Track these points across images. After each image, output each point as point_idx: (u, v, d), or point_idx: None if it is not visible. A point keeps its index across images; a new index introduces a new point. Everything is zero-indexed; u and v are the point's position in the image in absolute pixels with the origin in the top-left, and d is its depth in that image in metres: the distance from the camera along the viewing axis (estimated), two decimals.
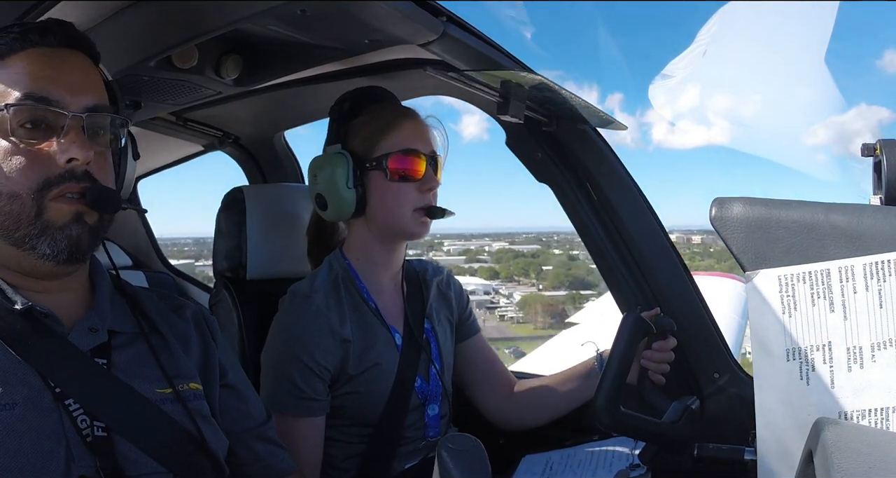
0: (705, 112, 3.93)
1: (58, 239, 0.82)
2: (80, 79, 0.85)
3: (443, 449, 0.70)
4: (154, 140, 1.95)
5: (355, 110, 1.36)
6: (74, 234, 0.83)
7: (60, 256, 0.82)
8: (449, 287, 1.51)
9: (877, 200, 0.78)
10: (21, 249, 0.82)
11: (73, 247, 0.83)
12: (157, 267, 2.50)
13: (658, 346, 1.26)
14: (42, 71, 0.82)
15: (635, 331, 0.96)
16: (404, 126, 1.32)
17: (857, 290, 0.68)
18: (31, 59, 0.83)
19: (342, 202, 1.31)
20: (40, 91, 0.81)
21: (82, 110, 0.83)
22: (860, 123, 28.87)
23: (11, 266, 0.85)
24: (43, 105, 0.81)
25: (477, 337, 1.54)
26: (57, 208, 0.82)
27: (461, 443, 0.71)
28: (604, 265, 1.51)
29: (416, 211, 1.32)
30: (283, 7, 1.01)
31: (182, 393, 0.90)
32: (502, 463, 1.48)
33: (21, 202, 0.80)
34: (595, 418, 0.94)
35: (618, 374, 0.93)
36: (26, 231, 0.81)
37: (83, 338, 0.86)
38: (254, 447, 1.01)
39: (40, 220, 0.81)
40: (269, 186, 2.07)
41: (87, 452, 0.80)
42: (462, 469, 0.68)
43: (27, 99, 0.81)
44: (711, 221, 0.75)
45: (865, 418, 0.68)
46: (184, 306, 1.03)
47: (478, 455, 0.70)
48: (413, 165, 1.31)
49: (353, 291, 1.34)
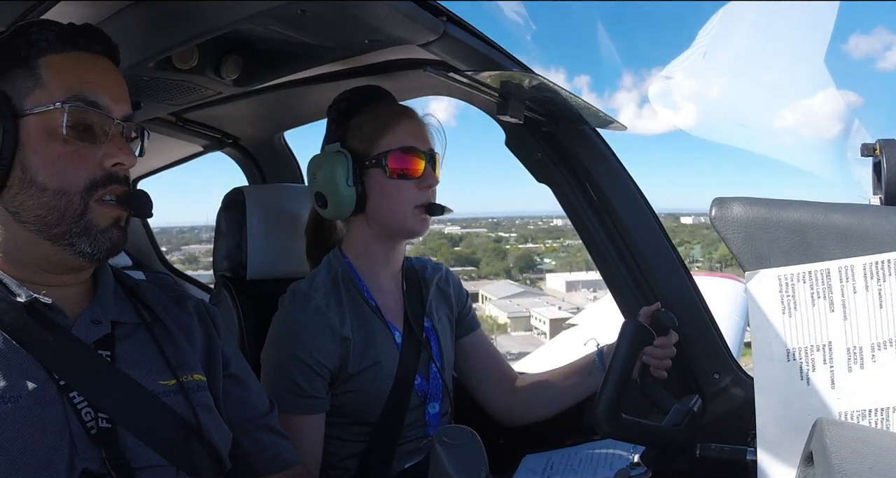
0: (673, 96, 3.81)
1: (100, 241, 0.86)
2: (120, 88, 0.90)
3: (437, 443, 0.69)
4: (154, 140, 1.94)
5: (353, 109, 1.36)
6: (115, 237, 0.87)
7: (98, 255, 0.86)
8: (448, 284, 1.51)
9: (877, 200, 0.78)
10: (57, 245, 0.85)
11: (111, 248, 0.87)
12: (157, 267, 2.50)
13: (660, 342, 1.25)
14: (91, 76, 0.86)
15: (636, 338, 0.95)
16: (403, 124, 1.33)
17: (857, 290, 0.68)
18: (79, 62, 0.86)
19: (342, 200, 1.31)
20: (92, 96, 0.85)
21: (122, 118, 0.87)
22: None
23: (32, 261, 0.86)
24: (95, 109, 0.84)
25: (477, 332, 1.54)
26: (100, 211, 0.85)
27: (456, 436, 0.70)
28: (604, 265, 1.51)
29: (416, 208, 1.32)
30: (283, 7, 1.01)
31: (186, 384, 0.91)
32: (503, 463, 1.48)
33: (69, 199, 0.83)
34: (596, 426, 0.93)
35: (618, 382, 0.92)
36: (68, 228, 0.84)
37: (87, 330, 0.87)
38: (258, 437, 1.01)
39: (84, 219, 0.84)
40: (270, 186, 2.07)
41: (92, 444, 0.80)
42: (457, 463, 0.67)
43: (79, 101, 0.83)
44: (711, 221, 0.75)
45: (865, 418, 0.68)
46: (185, 298, 1.04)
47: (473, 448, 0.69)
48: (412, 162, 1.31)
49: (353, 289, 1.34)
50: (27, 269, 0.86)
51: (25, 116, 0.82)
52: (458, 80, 1.26)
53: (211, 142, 2.06)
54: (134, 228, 2.47)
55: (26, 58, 0.84)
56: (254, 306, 1.54)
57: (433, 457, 0.69)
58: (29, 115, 0.82)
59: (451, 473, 0.67)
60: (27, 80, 0.83)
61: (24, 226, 0.84)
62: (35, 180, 0.82)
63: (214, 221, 1.60)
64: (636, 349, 0.95)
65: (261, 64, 1.35)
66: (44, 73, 0.83)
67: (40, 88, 0.83)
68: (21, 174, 0.82)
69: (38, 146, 0.82)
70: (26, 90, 0.83)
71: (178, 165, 2.38)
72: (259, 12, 1.01)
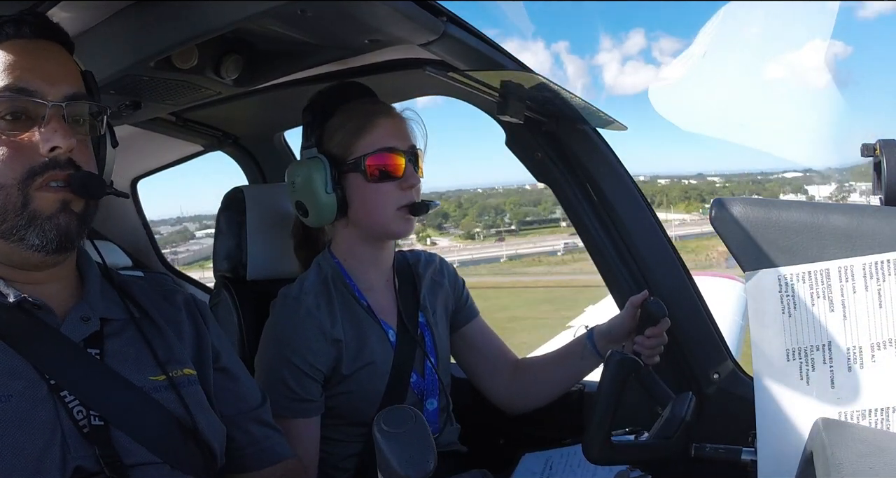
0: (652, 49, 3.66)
1: (46, 229, 0.82)
2: (57, 68, 0.85)
3: (377, 431, 0.61)
4: (154, 140, 1.95)
5: (329, 111, 1.33)
6: (63, 222, 0.83)
7: (49, 246, 0.83)
8: (442, 275, 1.50)
9: (877, 200, 0.78)
10: (9, 241, 0.83)
11: (62, 236, 0.83)
12: (156, 267, 2.50)
13: (650, 332, 1.25)
14: (19, 62, 0.82)
15: (620, 370, 0.93)
16: (379, 124, 1.30)
17: (857, 290, 0.68)
18: (7, 52, 0.83)
19: (322, 208, 1.30)
20: (18, 82, 0.81)
21: (61, 99, 0.83)
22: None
23: (3, 260, 0.85)
24: (23, 96, 0.81)
25: (477, 320, 1.53)
26: (43, 198, 0.82)
27: (398, 422, 0.62)
28: (603, 265, 1.51)
29: (399, 209, 1.30)
30: (283, 7, 1.01)
31: (175, 379, 0.90)
32: (502, 462, 1.48)
33: (6, 193, 0.81)
34: (586, 456, 0.93)
35: (605, 413, 0.91)
36: (13, 222, 0.81)
37: (75, 328, 0.86)
38: (250, 430, 1.01)
39: (27, 210, 0.81)
40: (269, 186, 2.06)
41: (84, 442, 0.80)
42: (401, 453, 0.59)
43: (6, 91, 0.81)
44: (711, 221, 0.75)
45: (865, 418, 0.68)
46: (174, 292, 1.03)
47: (419, 433, 0.61)
48: (392, 163, 1.28)
49: (344, 290, 1.33)
50: (6, 268, 0.85)
51: None
52: (458, 80, 1.25)
53: (211, 141, 2.06)
54: (134, 227, 2.46)
55: None
56: (253, 307, 1.53)
57: (375, 448, 0.61)
58: None
59: (394, 466, 0.59)
60: None
61: None
62: None
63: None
64: (621, 382, 0.93)
65: (261, 64, 1.35)
66: None
67: None
68: None
69: None
70: None
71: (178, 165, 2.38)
72: (259, 12, 1.01)
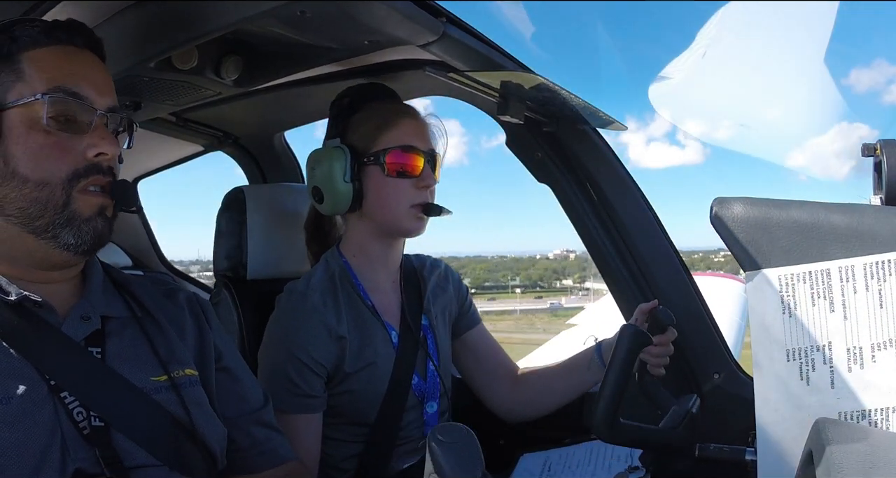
0: (677, 132, 3.80)
1: (84, 230, 0.85)
2: (104, 80, 0.89)
3: (432, 441, 0.67)
4: (154, 140, 1.95)
5: (356, 106, 1.36)
6: (99, 226, 0.87)
7: (82, 247, 0.85)
8: (447, 280, 1.51)
9: (877, 200, 0.78)
10: (40, 238, 0.84)
11: (96, 239, 0.86)
12: (157, 267, 2.50)
13: (658, 339, 1.24)
14: (73, 68, 0.86)
15: (633, 343, 0.94)
16: (404, 123, 1.33)
17: (858, 290, 0.68)
18: (61, 55, 0.86)
19: (338, 196, 1.32)
20: (74, 87, 0.85)
21: (106, 110, 0.87)
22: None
23: (18, 256, 0.86)
24: (76, 100, 0.84)
25: (479, 327, 1.54)
26: (84, 200, 0.85)
27: (452, 434, 0.68)
28: (604, 265, 1.51)
29: (413, 207, 1.32)
30: (283, 8, 1.01)
31: (177, 380, 0.90)
32: (501, 463, 1.48)
33: (50, 190, 0.83)
34: (595, 431, 0.93)
35: (616, 388, 0.91)
36: (51, 219, 0.84)
37: (76, 327, 0.86)
38: (251, 432, 1.00)
39: (67, 210, 0.84)
40: (270, 185, 2.07)
41: (84, 444, 0.80)
42: (453, 462, 0.66)
43: (59, 91, 0.83)
44: (711, 221, 0.75)
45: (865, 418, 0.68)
46: (176, 291, 1.03)
47: (470, 446, 0.67)
48: (411, 161, 1.31)
49: (350, 288, 1.34)
50: (15, 265, 0.86)
51: (8, 109, 0.82)
52: (458, 81, 1.26)
53: (211, 141, 2.06)
54: (134, 227, 2.47)
55: (9, 53, 0.84)
56: (254, 306, 1.53)
57: (429, 456, 0.67)
58: (11, 107, 0.82)
59: (447, 472, 0.66)
60: (9, 75, 0.83)
61: (7, 219, 0.84)
62: (17, 172, 0.82)
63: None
64: (634, 354, 0.93)
65: (261, 64, 1.35)
66: (26, 68, 0.84)
67: (22, 82, 0.83)
68: (3, 166, 0.82)
69: (20, 138, 0.82)
70: (9, 84, 0.83)
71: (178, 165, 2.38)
72: (259, 13, 1.01)
